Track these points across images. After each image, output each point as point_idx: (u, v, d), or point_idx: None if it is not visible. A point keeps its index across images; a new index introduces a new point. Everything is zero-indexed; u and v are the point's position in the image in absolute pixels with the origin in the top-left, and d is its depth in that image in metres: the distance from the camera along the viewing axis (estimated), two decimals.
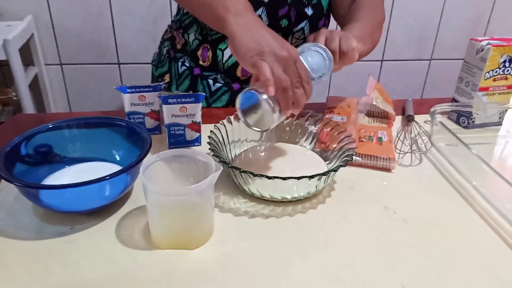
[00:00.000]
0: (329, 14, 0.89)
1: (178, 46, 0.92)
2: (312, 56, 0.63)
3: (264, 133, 0.71)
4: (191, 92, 0.90)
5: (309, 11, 0.84)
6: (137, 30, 1.65)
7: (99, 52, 1.67)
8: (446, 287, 0.47)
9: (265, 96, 0.55)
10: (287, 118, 0.72)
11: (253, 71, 0.57)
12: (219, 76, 0.89)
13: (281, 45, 0.56)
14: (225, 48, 0.86)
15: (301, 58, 0.59)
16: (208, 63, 0.88)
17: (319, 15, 0.86)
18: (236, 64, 0.87)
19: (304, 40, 0.88)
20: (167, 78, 0.94)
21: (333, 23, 0.92)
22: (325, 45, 0.64)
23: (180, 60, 0.91)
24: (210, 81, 0.89)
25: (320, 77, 0.63)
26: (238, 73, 0.88)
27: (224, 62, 0.87)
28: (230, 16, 0.59)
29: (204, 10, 0.66)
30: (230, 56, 0.86)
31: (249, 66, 0.56)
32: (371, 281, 0.47)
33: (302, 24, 0.85)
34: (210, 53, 0.87)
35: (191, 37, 0.88)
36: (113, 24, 1.63)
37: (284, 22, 0.83)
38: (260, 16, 0.82)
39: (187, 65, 0.90)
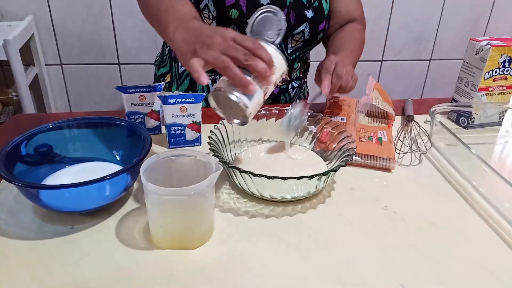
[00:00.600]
0: (329, 17, 0.89)
1: None
2: (264, 22, 0.62)
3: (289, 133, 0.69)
4: (191, 92, 0.90)
5: (309, 14, 0.84)
6: (137, 31, 1.65)
7: (100, 52, 1.67)
8: (445, 286, 0.47)
9: (218, 90, 0.53)
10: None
11: (194, 74, 0.55)
12: (217, 77, 0.89)
13: (212, 33, 0.55)
14: None
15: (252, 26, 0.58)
16: None
17: (319, 18, 0.86)
18: None
19: (304, 43, 0.88)
20: (168, 77, 0.94)
21: None
22: (334, 76, 0.72)
23: None
24: (209, 82, 0.89)
25: (278, 35, 0.61)
26: None
27: None
28: (169, 32, 0.61)
29: (155, 25, 0.71)
30: None
31: (186, 67, 0.56)
32: (371, 280, 0.47)
33: (302, 27, 0.85)
34: None
35: None
36: (113, 24, 1.63)
37: None
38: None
39: None
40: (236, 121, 0.58)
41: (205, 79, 0.53)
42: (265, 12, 0.61)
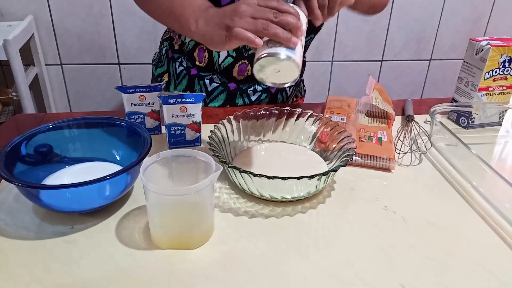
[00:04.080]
0: None
1: (176, 47, 0.92)
2: None
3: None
4: (189, 92, 0.90)
5: None
6: (137, 30, 1.65)
7: (99, 52, 1.67)
8: (445, 286, 0.47)
9: (269, 55, 0.54)
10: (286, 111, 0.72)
11: (234, 45, 0.57)
12: (215, 76, 0.89)
13: (234, 6, 0.56)
14: None
15: None
16: (205, 64, 0.89)
17: None
18: (232, 65, 0.87)
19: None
20: (166, 77, 0.94)
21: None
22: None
23: (178, 61, 0.92)
24: (207, 81, 0.90)
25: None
26: (234, 73, 0.88)
27: (220, 62, 0.87)
28: (192, 25, 0.61)
29: (169, 21, 0.69)
30: (226, 57, 0.86)
31: (227, 45, 0.57)
32: (371, 280, 0.47)
33: None
34: (206, 54, 0.87)
35: (188, 38, 0.88)
36: (113, 24, 1.63)
37: None
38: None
39: (184, 65, 0.91)
40: (287, 83, 0.58)
41: (260, 40, 0.54)
42: None
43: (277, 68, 0.56)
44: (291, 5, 0.58)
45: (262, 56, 0.54)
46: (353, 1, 0.66)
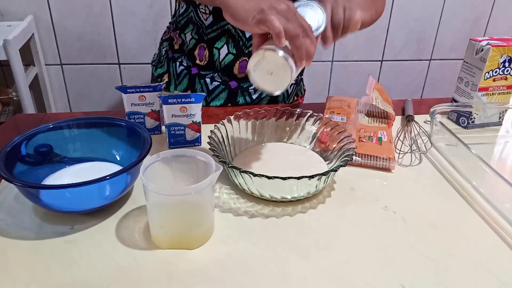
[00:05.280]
0: None
1: (176, 46, 0.92)
2: (305, 11, 0.62)
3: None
4: (189, 92, 0.90)
5: None
6: (138, 31, 1.65)
7: (100, 52, 1.67)
8: (445, 286, 0.47)
9: (281, 53, 0.54)
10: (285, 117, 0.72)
11: (259, 29, 0.55)
12: (216, 74, 0.89)
13: (277, 0, 0.56)
14: (221, 47, 0.86)
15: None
16: (205, 62, 0.89)
17: None
18: (232, 62, 0.87)
19: None
20: (166, 78, 0.94)
21: None
22: (330, 17, 0.62)
23: (178, 60, 0.92)
24: (208, 80, 0.90)
25: (317, 29, 0.61)
26: (235, 71, 0.88)
27: (220, 60, 0.87)
28: None
29: None
30: (227, 55, 0.86)
31: (254, 25, 0.55)
32: (371, 280, 0.47)
33: None
34: (206, 52, 0.87)
35: (188, 36, 0.89)
36: (113, 24, 1.63)
37: None
38: None
39: (185, 64, 0.91)
40: (273, 91, 0.58)
41: (284, 39, 0.53)
42: (301, 5, 0.62)
43: (272, 69, 0.55)
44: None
45: (269, 48, 0.54)
46: (359, 26, 0.65)
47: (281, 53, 0.54)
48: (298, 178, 0.53)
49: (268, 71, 0.56)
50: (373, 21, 0.75)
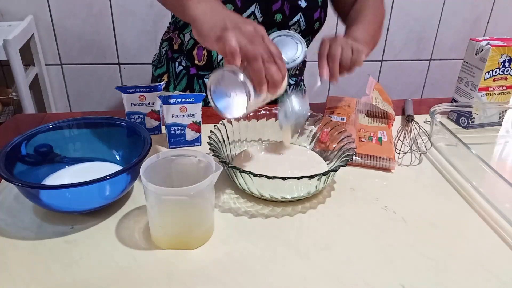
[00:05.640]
0: (325, 5, 0.88)
1: (175, 47, 0.92)
2: (283, 40, 0.62)
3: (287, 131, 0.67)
4: (188, 92, 0.90)
5: (302, 3, 0.84)
6: (138, 31, 1.65)
7: (100, 52, 1.67)
8: (445, 286, 0.47)
9: (240, 76, 0.51)
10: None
11: (218, 46, 0.53)
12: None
13: (246, 21, 0.54)
14: None
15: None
16: (204, 62, 0.89)
17: (313, 7, 0.86)
18: None
19: (301, 33, 0.88)
20: (165, 78, 0.95)
21: (330, 15, 0.92)
22: (340, 57, 0.64)
23: (177, 60, 0.92)
24: (206, 80, 0.90)
25: (293, 60, 0.61)
26: None
27: (219, 61, 0.87)
28: (192, 2, 0.57)
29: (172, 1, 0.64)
30: None
31: (214, 42, 0.53)
32: (371, 280, 0.47)
33: (297, 17, 0.85)
34: (205, 53, 0.87)
35: (187, 36, 0.89)
36: (113, 24, 1.63)
37: (279, 17, 0.83)
38: (253, 13, 0.81)
39: (184, 64, 0.91)
40: (227, 114, 0.55)
41: (239, 61, 0.51)
42: (282, 35, 0.62)
43: (230, 91, 0.53)
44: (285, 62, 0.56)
45: (230, 69, 0.52)
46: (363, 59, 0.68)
47: (241, 76, 0.51)
48: (298, 178, 0.53)
49: (227, 93, 0.53)
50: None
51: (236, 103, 0.54)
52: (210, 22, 0.55)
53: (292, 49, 0.62)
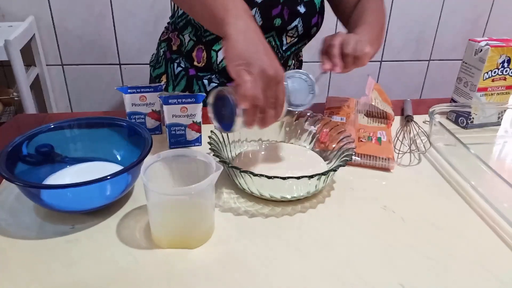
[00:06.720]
0: (322, 10, 0.90)
1: (174, 48, 0.92)
2: (296, 82, 0.64)
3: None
4: (188, 93, 0.90)
5: (301, 9, 0.85)
6: (138, 31, 1.65)
7: (100, 52, 1.67)
8: (445, 286, 0.47)
9: (230, 94, 0.54)
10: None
11: (235, 79, 0.54)
12: (213, 76, 0.90)
13: (271, 63, 0.54)
14: (219, 49, 0.87)
15: (286, 81, 0.60)
16: (203, 64, 0.89)
17: (311, 12, 0.86)
18: None
19: (298, 38, 0.88)
20: (164, 79, 0.94)
21: (326, 20, 0.92)
22: (341, 48, 0.67)
23: (176, 61, 0.92)
24: (205, 81, 0.90)
25: (297, 106, 0.64)
26: None
27: (218, 63, 0.87)
28: (230, 18, 0.57)
29: (201, 9, 0.63)
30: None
31: (233, 73, 0.54)
32: (371, 280, 0.47)
33: (295, 22, 0.86)
34: (204, 54, 0.88)
35: (186, 38, 0.89)
36: (114, 25, 1.63)
37: (278, 21, 0.84)
38: (253, 16, 0.82)
39: (183, 66, 0.91)
40: (221, 128, 0.59)
41: (247, 105, 0.53)
42: (302, 77, 0.64)
43: (224, 111, 0.56)
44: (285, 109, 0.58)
45: (226, 90, 0.55)
46: (368, 58, 0.70)
47: (231, 96, 0.54)
48: (298, 178, 0.54)
49: (223, 110, 0.57)
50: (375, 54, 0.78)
51: (228, 122, 0.56)
52: (239, 47, 0.54)
53: (302, 95, 0.65)
